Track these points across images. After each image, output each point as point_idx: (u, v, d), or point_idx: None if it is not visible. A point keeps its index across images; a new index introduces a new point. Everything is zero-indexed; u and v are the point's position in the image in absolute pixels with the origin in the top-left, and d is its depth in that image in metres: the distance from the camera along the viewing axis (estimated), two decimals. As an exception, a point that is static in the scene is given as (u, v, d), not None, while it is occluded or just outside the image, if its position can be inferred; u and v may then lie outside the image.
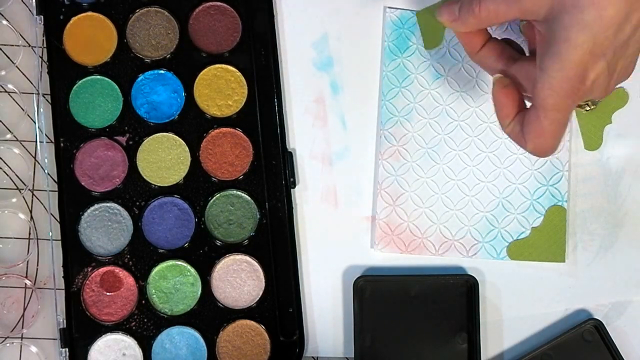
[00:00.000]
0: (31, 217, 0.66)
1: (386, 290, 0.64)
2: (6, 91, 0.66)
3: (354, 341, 0.63)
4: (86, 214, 0.65)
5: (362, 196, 0.65)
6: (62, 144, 0.65)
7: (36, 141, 0.66)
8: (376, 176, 0.65)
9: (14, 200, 0.66)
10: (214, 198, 0.65)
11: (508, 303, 0.65)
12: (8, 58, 0.67)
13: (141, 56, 0.65)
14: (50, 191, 0.65)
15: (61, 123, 0.65)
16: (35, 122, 0.66)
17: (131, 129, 0.65)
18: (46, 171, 0.65)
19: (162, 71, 0.65)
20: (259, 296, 0.64)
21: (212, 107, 0.65)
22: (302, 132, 0.66)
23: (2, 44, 0.67)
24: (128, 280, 0.64)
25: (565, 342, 0.63)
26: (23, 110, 0.66)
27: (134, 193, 0.65)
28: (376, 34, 0.66)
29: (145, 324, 0.64)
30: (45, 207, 0.66)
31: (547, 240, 0.64)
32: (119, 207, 0.65)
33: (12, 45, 0.67)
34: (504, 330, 0.65)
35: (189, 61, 0.65)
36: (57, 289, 0.64)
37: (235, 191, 0.65)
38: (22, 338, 0.65)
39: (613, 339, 0.63)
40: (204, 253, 0.65)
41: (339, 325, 0.65)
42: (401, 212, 0.65)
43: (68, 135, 0.65)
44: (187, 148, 0.65)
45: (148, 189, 0.65)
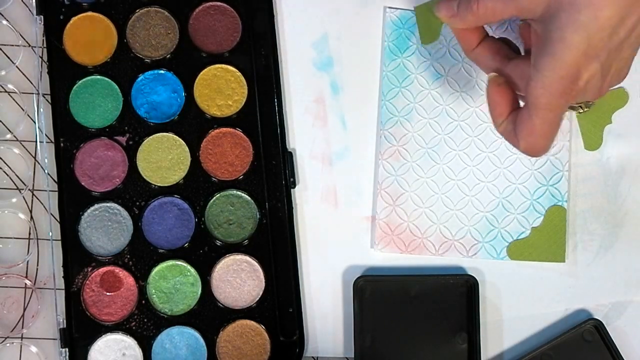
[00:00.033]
0: (31, 217, 0.66)
1: (386, 290, 0.64)
2: (6, 91, 0.66)
3: (354, 341, 0.63)
4: (86, 214, 0.65)
5: (362, 196, 0.65)
6: (62, 144, 0.65)
7: (36, 141, 0.66)
8: (376, 176, 0.65)
9: (14, 200, 0.66)
10: (214, 198, 0.65)
11: (508, 303, 0.65)
12: (8, 58, 0.67)
13: (141, 56, 0.65)
14: (50, 191, 0.65)
15: (61, 123, 0.65)
16: (35, 122, 0.66)
17: (131, 129, 0.65)
18: (46, 171, 0.65)
19: (162, 71, 0.65)
20: (259, 296, 0.64)
21: (212, 107, 0.65)
22: (302, 132, 0.66)
23: (2, 44, 0.67)
24: (128, 280, 0.64)
25: (565, 342, 0.63)
26: (23, 110, 0.66)
27: (134, 193, 0.65)
28: (376, 34, 0.66)
29: (145, 324, 0.64)
30: (45, 207, 0.66)
31: (547, 240, 0.64)
32: (119, 207, 0.65)
33: (12, 45, 0.67)
34: (504, 330, 0.65)
35: (189, 61, 0.65)
36: (57, 289, 0.64)
37: (235, 191, 0.65)
38: (22, 338, 0.65)
39: (613, 339, 0.63)
40: (204, 253, 0.65)
41: (339, 325, 0.65)
42: (401, 212, 0.65)
43: (68, 135, 0.65)
44: (187, 148, 0.65)
45: (148, 189, 0.65)
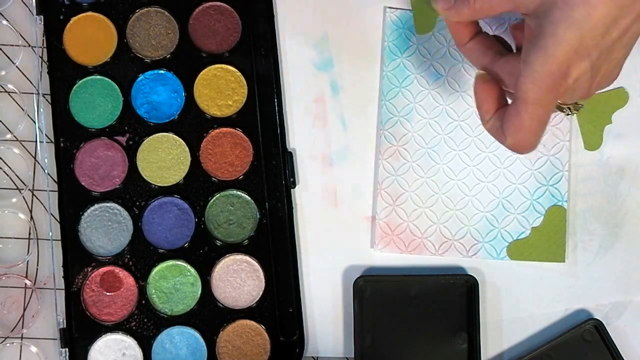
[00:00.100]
0: (31, 217, 0.66)
1: (386, 290, 0.64)
2: (6, 91, 0.66)
3: (354, 341, 0.63)
4: (86, 214, 0.65)
5: (362, 196, 0.65)
6: (62, 144, 0.65)
7: (36, 141, 0.66)
8: (376, 176, 0.65)
9: (14, 200, 0.66)
10: (214, 198, 0.65)
11: (508, 303, 0.65)
12: (8, 58, 0.67)
13: (141, 56, 0.65)
14: (50, 191, 0.65)
15: (61, 123, 0.65)
16: (35, 122, 0.66)
17: (131, 129, 0.65)
18: (46, 171, 0.65)
19: (162, 71, 0.65)
20: (259, 296, 0.64)
21: (212, 107, 0.65)
22: (302, 132, 0.66)
23: (2, 44, 0.67)
24: (128, 280, 0.64)
25: (565, 342, 0.63)
26: (23, 110, 0.66)
27: (134, 193, 0.65)
28: (376, 34, 0.66)
29: (145, 324, 0.64)
30: (45, 207, 0.66)
31: (547, 240, 0.64)
32: (119, 207, 0.65)
33: (12, 45, 0.67)
34: (504, 330, 0.65)
35: (189, 61, 0.65)
36: (57, 289, 0.64)
37: (235, 191, 0.65)
38: (22, 338, 0.65)
39: (613, 339, 0.63)
40: (204, 253, 0.65)
41: (339, 325, 0.65)
42: (401, 212, 0.65)
43: (68, 135, 0.65)
44: (187, 148, 0.65)
45: (148, 189, 0.65)
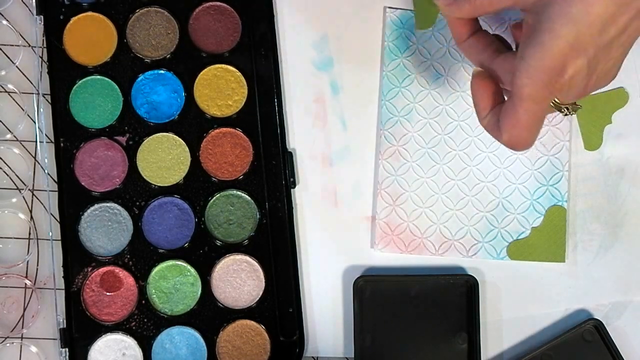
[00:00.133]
0: (31, 217, 0.66)
1: (386, 290, 0.64)
2: (6, 91, 0.66)
3: (354, 341, 0.63)
4: (86, 214, 0.65)
5: (362, 196, 0.65)
6: (62, 144, 0.65)
7: (36, 141, 0.66)
8: (376, 176, 0.65)
9: (14, 200, 0.66)
10: (214, 198, 0.65)
11: (508, 303, 0.65)
12: (8, 58, 0.67)
13: (141, 56, 0.65)
14: (50, 191, 0.65)
15: (61, 123, 0.65)
16: (35, 122, 0.65)
17: (131, 129, 0.65)
18: (46, 171, 0.65)
19: (162, 71, 0.65)
20: (259, 296, 0.64)
21: (212, 107, 0.65)
22: (302, 132, 0.66)
23: (2, 44, 0.67)
24: (128, 280, 0.64)
25: (565, 342, 0.63)
26: (23, 110, 0.66)
27: (134, 193, 0.65)
28: (376, 34, 0.66)
29: (145, 324, 0.64)
30: (45, 207, 0.66)
31: (547, 240, 0.64)
32: (119, 207, 0.65)
33: (12, 45, 0.67)
34: (504, 330, 0.65)
35: (189, 61, 0.65)
36: (57, 289, 0.64)
37: (235, 191, 0.65)
38: (22, 338, 0.65)
39: (613, 339, 0.63)
40: (204, 253, 0.65)
41: (339, 325, 0.65)
42: (401, 212, 0.65)
43: (68, 135, 0.65)
44: (187, 148, 0.65)
45: (148, 189, 0.65)
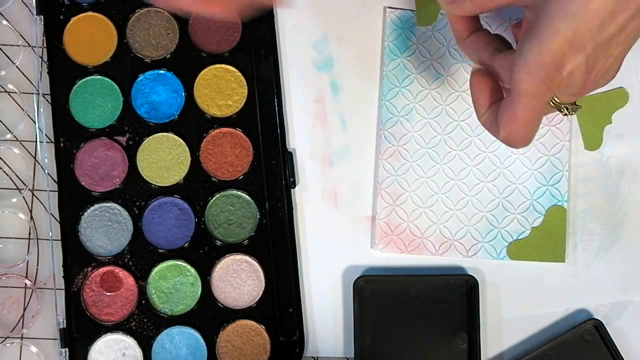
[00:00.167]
0: (31, 217, 0.66)
1: (386, 290, 0.64)
2: (6, 91, 0.66)
3: (354, 341, 0.63)
4: (86, 214, 0.65)
5: (362, 196, 0.65)
6: (62, 144, 0.65)
7: (36, 141, 0.66)
8: (376, 176, 0.65)
9: (14, 200, 0.66)
10: (214, 198, 0.65)
11: (508, 303, 0.65)
12: (8, 58, 0.67)
13: (141, 56, 0.65)
14: (50, 191, 0.65)
15: (61, 123, 0.65)
16: (35, 122, 0.66)
17: (131, 129, 0.65)
18: (46, 171, 0.65)
19: (162, 71, 0.65)
20: (259, 296, 0.64)
21: (212, 107, 0.65)
22: (302, 132, 0.66)
23: (2, 44, 0.67)
24: (128, 280, 0.64)
25: (565, 342, 0.63)
26: (23, 110, 0.66)
27: (134, 193, 0.65)
28: (376, 34, 0.66)
29: (145, 324, 0.64)
30: (45, 207, 0.66)
31: (547, 240, 0.64)
32: (119, 207, 0.65)
33: (12, 45, 0.67)
34: (504, 330, 0.65)
35: (189, 61, 0.65)
36: (57, 289, 0.64)
37: (235, 191, 0.65)
38: (22, 338, 0.65)
39: (613, 339, 0.63)
40: (204, 253, 0.65)
41: (339, 325, 0.65)
42: (401, 212, 0.65)
43: (68, 135, 0.65)
44: (187, 148, 0.65)
45: (148, 189, 0.65)
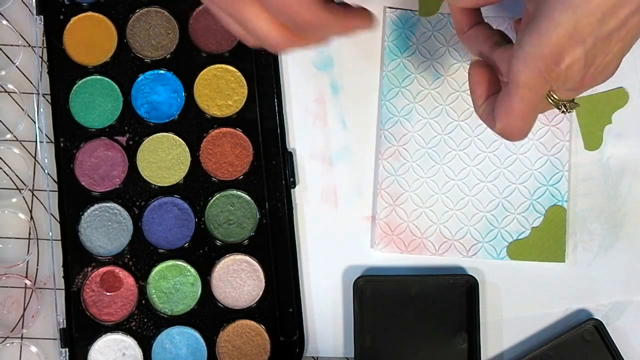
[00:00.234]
0: (31, 217, 0.66)
1: (386, 290, 0.64)
2: (6, 91, 0.66)
3: (354, 341, 0.63)
4: (86, 214, 0.64)
5: (362, 196, 0.65)
6: (62, 144, 0.65)
7: (36, 141, 0.66)
8: (376, 176, 0.65)
9: (14, 200, 0.66)
10: (214, 198, 0.65)
11: (508, 303, 0.65)
12: (8, 58, 0.67)
13: (141, 56, 0.65)
14: (50, 191, 0.65)
15: (61, 123, 0.65)
16: (35, 122, 0.65)
17: (131, 129, 0.65)
18: (46, 171, 0.65)
19: (162, 71, 0.65)
20: (259, 296, 0.64)
21: (212, 107, 0.65)
22: (302, 132, 0.66)
23: (2, 44, 0.67)
24: (128, 280, 0.64)
25: (565, 342, 0.63)
26: (23, 110, 0.66)
27: (134, 193, 0.65)
28: (376, 34, 0.66)
29: (145, 324, 0.64)
30: (45, 207, 0.66)
31: (547, 240, 0.64)
32: (119, 207, 0.65)
33: (12, 45, 0.67)
34: (504, 330, 0.65)
35: (189, 61, 0.65)
36: (57, 289, 0.64)
37: (235, 191, 0.65)
38: (22, 338, 0.65)
39: (613, 339, 0.63)
40: (204, 253, 0.65)
41: (339, 325, 0.65)
42: (401, 212, 0.65)
43: (68, 135, 0.65)
44: (187, 148, 0.65)
45: (148, 189, 0.65)
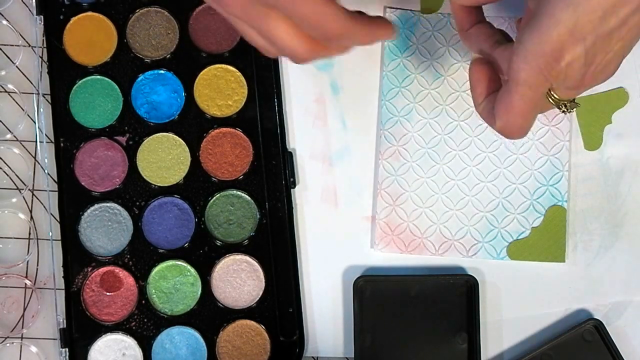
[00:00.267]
0: (31, 217, 0.66)
1: (386, 290, 0.64)
2: (6, 91, 0.66)
3: (354, 341, 0.63)
4: (86, 214, 0.65)
5: (362, 196, 0.65)
6: (62, 144, 0.65)
7: (36, 141, 0.66)
8: (376, 176, 0.65)
9: (14, 200, 0.66)
10: (214, 198, 0.65)
11: (508, 303, 0.65)
12: (8, 58, 0.67)
13: (141, 56, 0.65)
14: (50, 191, 0.65)
15: (61, 123, 0.65)
16: (35, 122, 0.65)
17: (131, 129, 0.65)
18: (46, 171, 0.65)
19: (162, 71, 0.65)
20: (259, 296, 0.64)
21: (212, 107, 0.65)
22: (302, 132, 0.66)
23: (2, 44, 0.67)
24: (128, 280, 0.64)
25: (565, 342, 0.63)
26: (23, 110, 0.66)
27: (134, 193, 0.65)
28: (376, 34, 0.66)
29: (145, 324, 0.64)
30: (45, 207, 0.66)
31: (547, 240, 0.64)
32: (119, 207, 0.65)
33: (12, 45, 0.67)
34: (504, 330, 0.65)
35: (189, 61, 0.65)
36: (57, 289, 0.64)
37: (235, 191, 0.65)
38: (22, 338, 0.65)
39: (613, 339, 0.63)
40: (204, 253, 0.65)
41: (339, 325, 0.65)
42: (401, 212, 0.65)
43: (68, 135, 0.65)
44: (187, 148, 0.65)
45: (148, 189, 0.65)
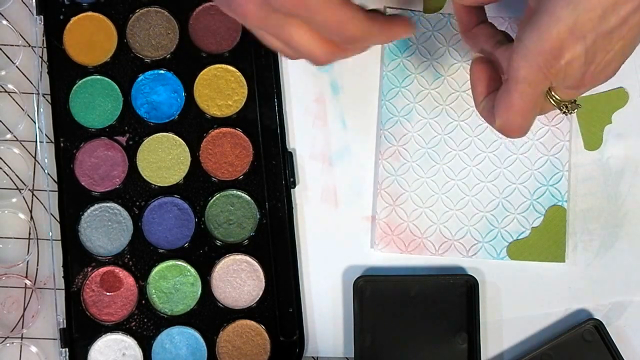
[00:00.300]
0: (31, 217, 0.66)
1: (386, 290, 0.64)
2: (6, 91, 0.66)
3: (354, 341, 0.63)
4: (86, 214, 0.65)
5: (362, 196, 0.65)
6: (62, 144, 0.65)
7: (36, 141, 0.66)
8: (376, 176, 0.65)
9: (14, 200, 0.66)
10: (214, 198, 0.65)
11: (508, 303, 0.65)
12: (8, 58, 0.67)
13: (141, 56, 0.65)
14: (50, 191, 0.65)
15: (61, 123, 0.65)
16: (35, 122, 0.66)
17: (131, 129, 0.65)
18: (46, 171, 0.65)
19: (162, 71, 0.65)
20: (259, 296, 0.64)
21: (212, 107, 0.65)
22: (302, 132, 0.66)
23: (2, 44, 0.67)
24: (128, 280, 0.64)
25: (565, 342, 0.63)
26: (23, 110, 0.66)
27: (134, 193, 0.65)
28: (376, 34, 0.66)
29: (145, 324, 0.64)
30: (45, 207, 0.66)
31: (547, 240, 0.64)
32: (119, 207, 0.65)
33: (12, 45, 0.67)
34: (504, 330, 0.65)
35: (189, 61, 0.65)
36: (57, 289, 0.64)
37: (235, 191, 0.65)
38: (22, 338, 0.65)
39: (613, 339, 0.63)
40: (204, 253, 0.65)
41: (339, 325, 0.65)
42: (401, 212, 0.65)
43: (68, 135, 0.65)
44: (187, 148, 0.65)
45: (148, 189, 0.65)
